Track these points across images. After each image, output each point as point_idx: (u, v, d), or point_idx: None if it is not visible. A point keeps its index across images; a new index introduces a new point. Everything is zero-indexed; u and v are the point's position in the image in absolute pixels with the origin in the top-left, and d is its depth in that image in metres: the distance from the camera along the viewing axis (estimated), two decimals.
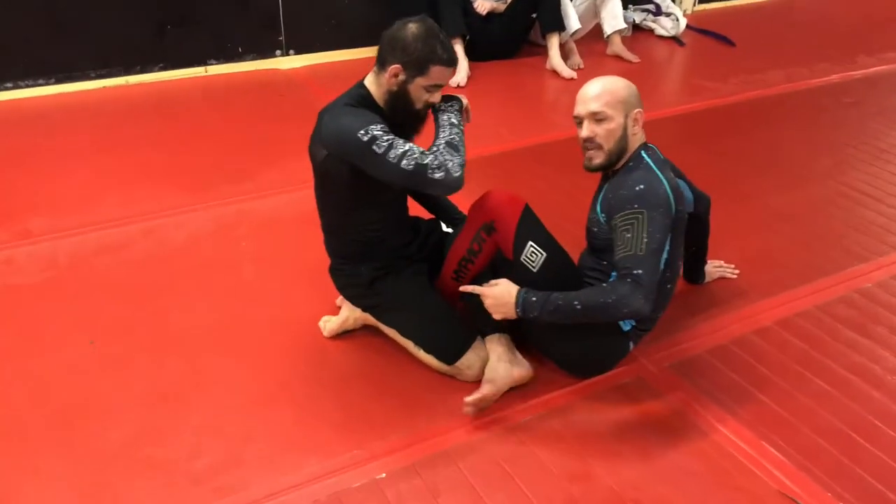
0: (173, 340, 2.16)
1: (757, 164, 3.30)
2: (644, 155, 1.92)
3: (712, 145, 3.47)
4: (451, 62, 1.90)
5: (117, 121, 3.53)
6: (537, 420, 1.92)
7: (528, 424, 1.90)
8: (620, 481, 1.75)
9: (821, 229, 2.80)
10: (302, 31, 4.23)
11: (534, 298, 1.81)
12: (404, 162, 1.78)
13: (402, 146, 1.79)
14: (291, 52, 4.25)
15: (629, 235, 1.79)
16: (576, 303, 1.78)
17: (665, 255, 1.88)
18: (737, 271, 2.49)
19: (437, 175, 1.80)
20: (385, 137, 1.79)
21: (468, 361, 1.98)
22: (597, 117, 1.89)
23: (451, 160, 1.82)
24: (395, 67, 1.85)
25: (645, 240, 1.78)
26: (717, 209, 2.28)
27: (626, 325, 1.96)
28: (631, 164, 1.92)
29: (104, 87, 3.85)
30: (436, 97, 1.92)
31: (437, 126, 1.93)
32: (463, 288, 1.92)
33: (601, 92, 1.89)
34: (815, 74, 4.32)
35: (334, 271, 2.13)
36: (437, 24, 1.90)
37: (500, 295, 1.84)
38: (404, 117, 1.93)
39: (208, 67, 4.08)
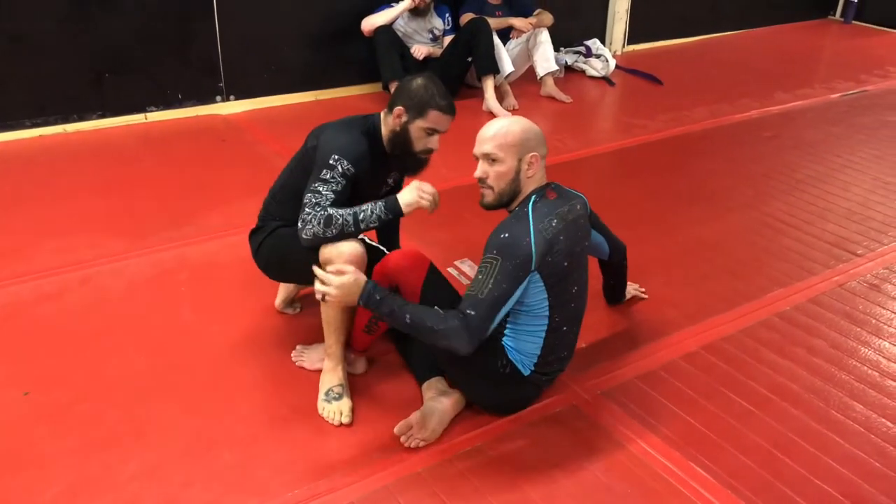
0: (111, 388, 2.15)
1: (683, 196, 3.46)
2: (530, 203, 1.93)
3: (642, 180, 3.63)
4: (449, 109, 2.11)
5: (54, 169, 3.51)
6: (475, 451, 1.96)
7: (467, 455, 1.95)
8: None
9: (743, 256, 2.95)
10: (242, 77, 4.29)
11: (378, 297, 1.82)
12: (308, 211, 1.99)
13: (323, 204, 1.98)
14: (232, 97, 4.30)
15: (480, 277, 1.84)
16: (407, 316, 1.81)
17: (546, 302, 1.91)
18: (646, 295, 2.63)
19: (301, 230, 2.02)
20: (335, 182, 2.01)
21: (327, 253, 1.98)
22: (489, 158, 1.96)
23: (313, 229, 1.98)
24: (398, 109, 2.10)
25: (490, 286, 1.82)
26: (646, 240, 2.40)
27: (526, 371, 1.99)
28: (517, 209, 1.95)
29: (41, 135, 3.83)
30: (434, 143, 2.13)
31: (370, 206, 2.02)
32: (317, 271, 1.85)
33: (494, 134, 1.95)
34: (737, 110, 4.56)
35: (256, 230, 2.27)
36: (440, 80, 2.13)
37: (348, 286, 1.81)
38: (404, 155, 2.15)
39: (148, 114, 4.09)
